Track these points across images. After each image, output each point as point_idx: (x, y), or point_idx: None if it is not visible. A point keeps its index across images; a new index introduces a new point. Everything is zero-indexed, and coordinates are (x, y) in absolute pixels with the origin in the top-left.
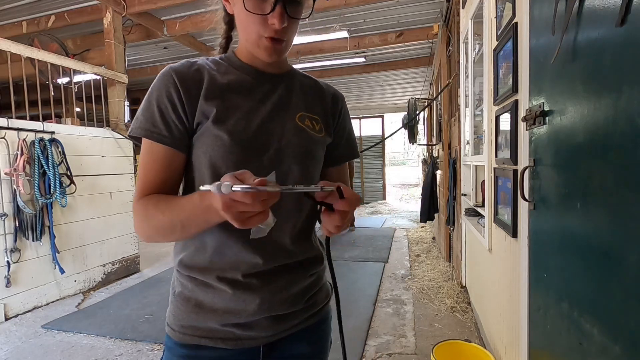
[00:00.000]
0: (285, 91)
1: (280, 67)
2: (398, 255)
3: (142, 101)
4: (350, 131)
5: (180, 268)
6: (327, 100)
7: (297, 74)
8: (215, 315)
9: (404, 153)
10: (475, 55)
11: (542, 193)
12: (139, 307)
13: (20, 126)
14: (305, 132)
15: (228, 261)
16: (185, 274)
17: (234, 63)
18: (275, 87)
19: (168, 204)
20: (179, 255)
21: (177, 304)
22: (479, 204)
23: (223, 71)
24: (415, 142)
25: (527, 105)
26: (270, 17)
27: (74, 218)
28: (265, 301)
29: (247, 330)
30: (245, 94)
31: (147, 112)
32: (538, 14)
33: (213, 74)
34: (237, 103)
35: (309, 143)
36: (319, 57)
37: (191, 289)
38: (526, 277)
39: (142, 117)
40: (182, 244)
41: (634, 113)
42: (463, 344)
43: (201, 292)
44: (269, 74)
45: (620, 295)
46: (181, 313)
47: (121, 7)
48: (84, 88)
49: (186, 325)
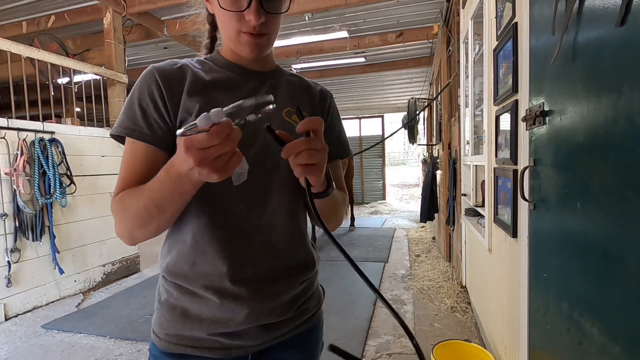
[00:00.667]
0: (271, 88)
1: (266, 65)
2: (398, 255)
3: None
4: (341, 129)
5: (165, 274)
6: (315, 97)
7: (284, 72)
8: (202, 324)
9: (404, 153)
10: (475, 55)
11: (542, 193)
12: (139, 307)
13: (20, 126)
14: (292, 127)
15: (213, 268)
16: (171, 281)
17: (218, 61)
18: (261, 84)
19: (139, 190)
20: (164, 260)
21: (163, 312)
22: (479, 204)
23: (207, 69)
24: (415, 142)
25: (527, 105)
26: (246, 14)
27: (74, 218)
28: (254, 311)
29: (235, 339)
30: (230, 91)
31: (128, 110)
32: (538, 14)
33: (197, 72)
34: (222, 99)
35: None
36: (318, 57)
37: (177, 297)
38: (526, 277)
39: (124, 116)
40: (167, 248)
41: (634, 113)
42: (463, 344)
43: (187, 300)
44: (254, 71)
45: (620, 295)
46: (166, 322)
47: (121, 7)
48: (84, 88)
49: (172, 334)
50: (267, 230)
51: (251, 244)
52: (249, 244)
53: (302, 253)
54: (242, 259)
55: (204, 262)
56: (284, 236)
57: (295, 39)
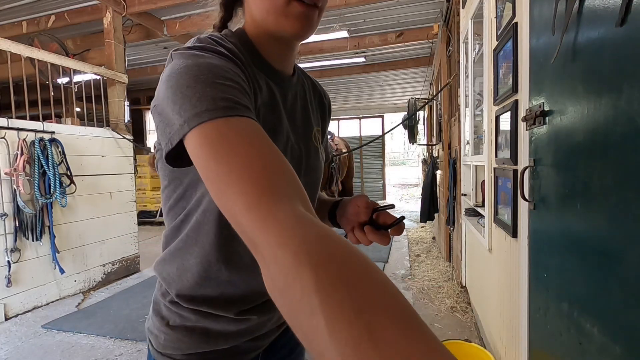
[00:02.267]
0: (302, 101)
1: (292, 64)
2: (398, 255)
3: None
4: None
5: (180, 301)
6: (325, 105)
7: (299, 72)
8: (227, 338)
9: (404, 153)
10: (475, 55)
11: (542, 193)
12: (139, 307)
13: (20, 126)
14: (318, 152)
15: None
16: (189, 307)
17: (255, 58)
18: (294, 97)
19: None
20: (173, 284)
21: (179, 336)
22: (479, 204)
23: (247, 64)
24: (415, 142)
25: (527, 105)
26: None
27: (74, 218)
28: (274, 316)
29: (255, 341)
30: (273, 108)
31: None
32: (538, 14)
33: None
34: (268, 118)
35: (320, 164)
36: (318, 57)
37: (195, 320)
38: (526, 277)
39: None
40: (176, 270)
41: (634, 113)
42: (463, 344)
43: (208, 321)
44: (285, 76)
45: (620, 295)
46: (185, 344)
47: (121, 7)
48: (84, 88)
49: (193, 353)
50: None
51: None
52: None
53: None
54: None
55: (235, 290)
56: None
57: None
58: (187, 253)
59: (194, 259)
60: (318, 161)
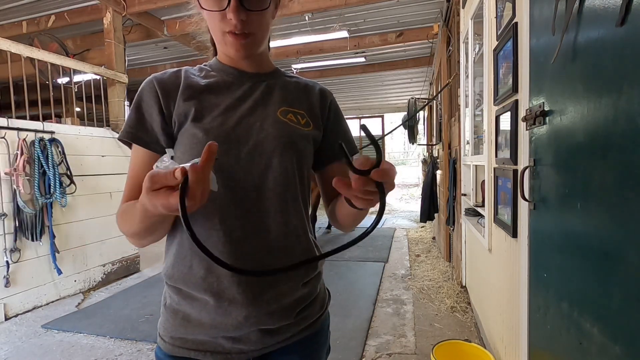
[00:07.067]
0: (266, 88)
1: (262, 67)
2: (398, 255)
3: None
4: (346, 128)
5: (166, 278)
6: (313, 96)
7: (281, 74)
8: (203, 328)
9: (404, 153)
10: (475, 55)
11: (542, 193)
12: (139, 307)
13: (20, 126)
14: (286, 125)
15: (209, 270)
16: (171, 285)
17: (214, 66)
18: (257, 85)
19: (127, 214)
20: (164, 264)
21: (167, 316)
22: (479, 204)
23: (203, 75)
24: (415, 142)
25: (527, 105)
26: (227, 13)
27: (74, 218)
28: (251, 315)
29: (236, 343)
30: (224, 93)
31: (130, 117)
32: (538, 14)
33: (192, 78)
34: (215, 102)
35: (291, 135)
36: (318, 57)
37: (178, 302)
38: (526, 277)
39: (127, 122)
40: (165, 252)
41: (634, 113)
42: (463, 344)
43: (187, 305)
44: (251, 73)
45: (620, 295)
46: (170, 326)
47: (121, 7)
48: (84, 88)
49: (176, 337)
50: (261, 231)
51: (246, 245)
52: (243, 245)
53: (301, 253)
54: (237, 261)
55: (200, 264)
56: (280, 236)
57: (295, 39)
58: (170, 236)
59: (173, 239)
60: (275, 129)
